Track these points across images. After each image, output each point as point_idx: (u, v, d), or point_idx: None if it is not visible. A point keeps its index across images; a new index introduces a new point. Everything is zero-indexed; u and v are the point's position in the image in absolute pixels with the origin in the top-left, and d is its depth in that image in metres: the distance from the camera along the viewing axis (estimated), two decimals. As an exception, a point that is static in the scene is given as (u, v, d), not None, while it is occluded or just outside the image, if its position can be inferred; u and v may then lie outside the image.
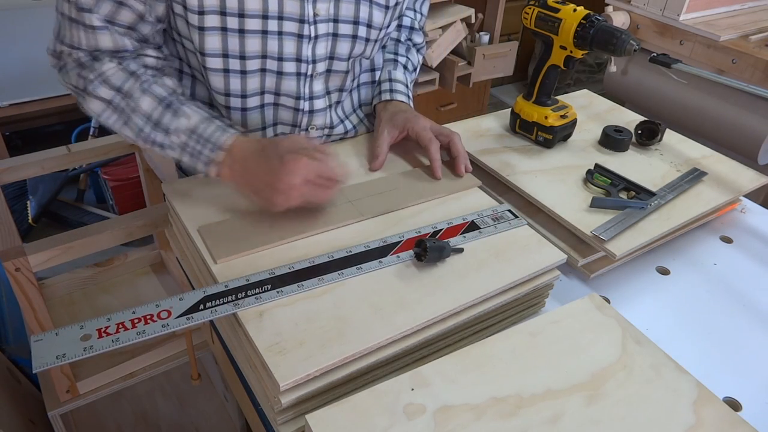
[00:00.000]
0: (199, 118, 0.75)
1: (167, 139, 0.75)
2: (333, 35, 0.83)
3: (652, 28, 1.73)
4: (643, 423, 0.54)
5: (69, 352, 0.55)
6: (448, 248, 0.69)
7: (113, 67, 0.75)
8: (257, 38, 0.78)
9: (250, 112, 0.87)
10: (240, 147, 0.73)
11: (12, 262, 1.00)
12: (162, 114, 0.74)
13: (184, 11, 0.75)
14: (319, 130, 0.92)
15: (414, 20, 1.03)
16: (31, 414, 1.31)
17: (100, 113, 0.76)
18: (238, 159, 0.72)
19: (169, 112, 0.74)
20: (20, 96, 2.18)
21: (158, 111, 0.74)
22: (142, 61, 0.79)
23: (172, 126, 0.74)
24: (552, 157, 0.97)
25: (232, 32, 0.77)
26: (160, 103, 0.75)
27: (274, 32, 0.79)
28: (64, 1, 0.74)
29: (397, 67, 0.99)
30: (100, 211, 2.26)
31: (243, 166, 0.72)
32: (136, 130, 0.75)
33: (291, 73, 0.83)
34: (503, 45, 2.15)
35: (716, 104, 1.62)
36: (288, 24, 0.79)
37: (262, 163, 0.70)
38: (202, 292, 0.62)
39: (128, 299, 1.43)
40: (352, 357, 0.57)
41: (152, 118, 0.75)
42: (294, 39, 0.80)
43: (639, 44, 0.85)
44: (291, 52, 0.81)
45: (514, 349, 0.61)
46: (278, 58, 0.81)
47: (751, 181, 0.94)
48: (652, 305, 0.79)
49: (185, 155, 0.75)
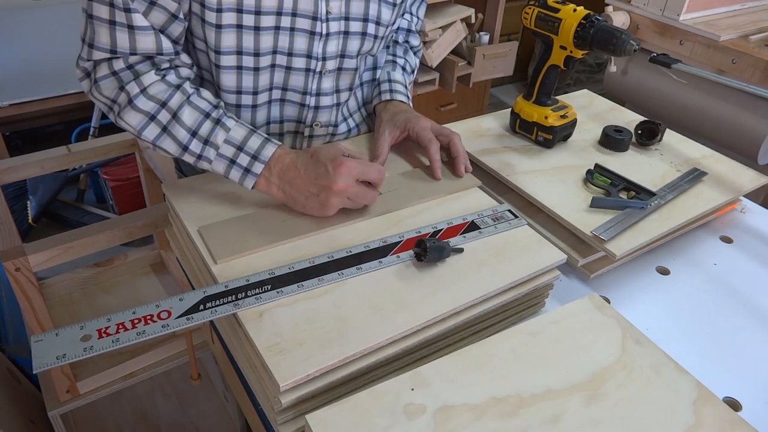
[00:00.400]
0: (245, 131, 0.75)
1: (212, 153, 0.75)
2: (344, 33, 0.84)
3: (652, 28, 1.73)
4: (643, 423, 0.54)
5: (69, 352, 0.55)
6: (448, 248, 0.69)
7: (156, 81, 0.74)
8: (270, 35, 0.79)
9: (259, 109, 0.87)
10: (283, 158, 0.74)
11: (12, 262, 1.00)
12: (206, 127, 0.74)
13: (202, 9, 0.76)
14: (324, 128, 0.93)
15: (410, 23, 1.04)
16: (31, 414, 1.31)
17: (140, 127, 0.75)
18: (285, 169, 0.74)
19: (213, 125, 0.75)
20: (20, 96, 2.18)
21: (203, 125, 0.74)
22: (179, 73, 0.78)
23: (219, 139, 0.74)
24: (552, 157, 0.97)
25: (248, 29, 0.77)
26: (203, 115, 0.75)
27: (286, 28, 0.80)
28: (100, 5, 0.70)
29: (396, 68, 1.00)
30: (100, 211, 2.27)
31: (292, 175, 0.74)
32: (179, 144, 0.75)
33: (300, 69, 0.84)
34: (503, 45, 2.15)
35: (716, 104, 1.62)
36: (301, 21, 0.80)
37: (311, 170, 0.73)
38: (202, 292, 0.62)
39: (128, 299, 1.43)
40: (352, 357, 0.57)
41: (197, 131, 0.74)
42: (306, 36, 0.81)
43: (639, 44, 0.85)
44: (302, 49, 0.82)
45: (514, 349, 0.61)
46: (288, 53, 0.82)
47: (751, 181, 0.94)
48: (652, 305, 0.79)
49: (232, 169, 0.75)
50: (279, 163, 0.74)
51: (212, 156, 0.75)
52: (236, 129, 0.75)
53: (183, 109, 0.74)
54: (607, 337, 0.63)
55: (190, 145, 0.75)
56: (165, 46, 0.74)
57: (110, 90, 0.74)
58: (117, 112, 0.75)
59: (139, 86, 0.73)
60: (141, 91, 0.73)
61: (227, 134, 0.74)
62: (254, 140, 0.74)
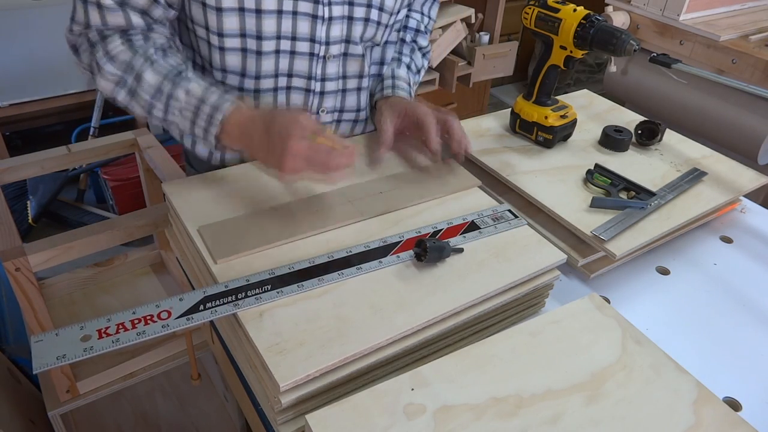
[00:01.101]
0: (203, 87, 0.76)
1: (175, 112, 0.76)
2: (348, 18, 0.86)
3: (652, 28, 1.73)
4: (643, 423, 0.54)
5: (69, 352, 0.55)
6: (448, 248, 0.69)
7: (119, 44, 0.77)
8: (273, 18, 0.80)
9: (263, 95, 0.88)
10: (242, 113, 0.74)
11: (12, 262, 1.00)
12: (168, 88, 0.76)
13: None
14: (330, 114, 0.94)
15: (420, 23, 1.04)
16: (31, 414, 1.31)
17: (110, 91, 0.78)
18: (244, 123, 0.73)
19: (174, 85, 0.76)
20: (20, 96, 2.18)
21: (165, 85, 0.76)
22: (150, 39, 0.80)
23: (181, 99, 0.75)
24: (552, 157, 0.97)
25: (249, 12, 0.79)
26: (165, 77, 0.76)
27: (288, 12, 0.81)
28: None
29: (401, 66, 1.00)
30: (100, 211, 2.27)
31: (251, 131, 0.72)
32: (145, 106, 0.77)
33: (304, 53, 0.85)
34: (503, 45, 2.15)
35: (716, 104, 1.62)
36: (302, 4, 0.81)
37: (264, 139, 0.70)
38: (202, 292, 0.62)
39: (128, 299, 1.43)
40: (352, 357, 0.57)
41: (160, 92, 0.76)
42: (308, 19, 0.82)
43: (639, 44, 0.85)
44: (305, 33, 0.83)
45: (514, 349, 0.61)
46: (291, 37, 0.83)
47: (751, 181, 0.94)
48: (652, 305, 0.79)
49: (196, 127, 0.76)
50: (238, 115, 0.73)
51: (176, 113, 0.76)
52: (195, 83, 0.76)
53: (146, 71, 0.76)
54: (607, 337, 0.63)
55: (155, 106, 0.76)
56: (135, 21, 0.78)
57: (87, 59, 0.79)
58: (94, 80, 0.79)
59: (105, 53, 0.77)
60: (107, 56, 0.77)
61: (188, 86, 0.75)
62: (213, 93, 0.75)
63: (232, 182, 0.81)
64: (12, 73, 2.14)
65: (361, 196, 0.79)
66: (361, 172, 0.86)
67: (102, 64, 0.77)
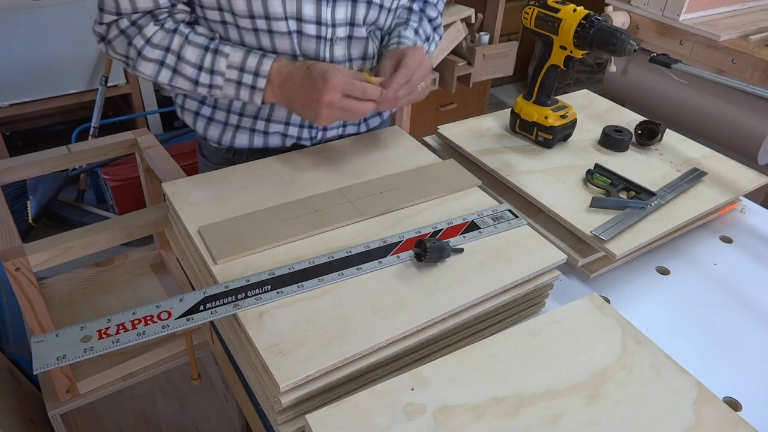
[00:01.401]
0: (242, 52, 0.83)
1: (220, 80, 0.83)
2: (352, 0, 0.86)
3: (652, 28, 1.73)
4: (643, 423, 0.54)
5: (69, 353, 0.55)
6: (448, 248, 0.69)
7: (156, 30, 0.83)
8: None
9: None
10: (281, 71, 0.82)
11: (12, 262, 1.00)
12: (209, 59, 0.82)
13: None
14: None
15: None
16: (31, 414, 1.31)
17: (154, 74, 0.84)
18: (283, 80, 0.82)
19: (214, 56, 0.82)
20: (20, 96, 2.19)
21: (206, 58, 0.83)
22: (176, 18, 0.86)
23: (222, 66, 0.82)
24: (552, 157, 0.97)
25: None
26: (203, 49, 0.83)
27: None
28: None
29: (408, 28, 0.97)
30: (100, 211, 2.27)
31: (289, 86, 0.81)
32: (191, 80, 0.84)
33: (311, 35, 0.86)
34: (503, 45, 2.15)
35: (716, 104, 1.62)
36: None
37: (304, 83, 0.79)
38: (202, 292, 0.62)
39: (128, 299, 1.43)
40: (352, 357, 0.57)
41: (202, 65, 0.83)
42: (312, 1, 0.83)
43: (639, 44, 0.85)
44: (311, 15, 0.84)
45: (514, 349, 0.61)
46: (297, 18, 0.84)
47: (751, 181, 0.94)
48: (652, 305, 0.79)
49: (241, 90, 0.83)
50: (279, 76, 0.82)
51: (221, 83, 0.83)
52: (234, 53, 0.83)
53: (185, 48, 0.83)
54: (607, 337, 0.63)
55: (199, 79, 0.83)
56: (161, 1, 0.83)
57: (122, 47, 0.84)
58: (132, 66, 0.85)
59: (143, 38, 0.83)
60: (146, 42, 0.83)
61: (227, 59, 0.82)
62: (252, 59, 0.82)
63: (232, 182, 0.81)
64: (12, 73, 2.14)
65: (361, 196, 0.79)
66: (361, 172, 0.86)
67: (142, 49, 0.82)
